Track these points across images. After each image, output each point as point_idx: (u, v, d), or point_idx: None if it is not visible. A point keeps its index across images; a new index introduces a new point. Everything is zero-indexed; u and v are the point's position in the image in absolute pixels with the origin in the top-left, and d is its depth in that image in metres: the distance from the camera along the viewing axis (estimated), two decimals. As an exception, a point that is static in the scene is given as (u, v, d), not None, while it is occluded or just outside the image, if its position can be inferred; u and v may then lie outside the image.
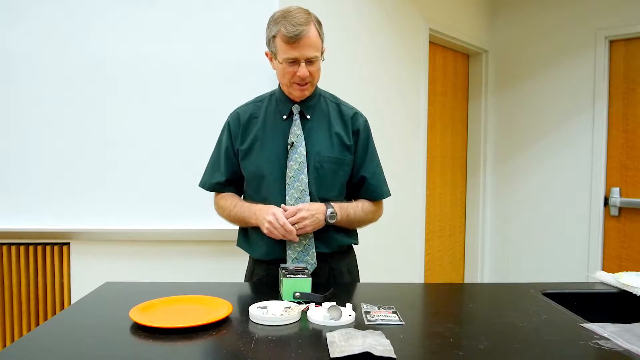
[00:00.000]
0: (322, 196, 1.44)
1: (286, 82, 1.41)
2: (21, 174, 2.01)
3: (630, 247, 3.09)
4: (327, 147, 1.45)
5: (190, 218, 2.04)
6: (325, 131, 1.46)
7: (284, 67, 1.38)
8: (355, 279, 1.57)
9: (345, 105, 1.53)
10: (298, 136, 1.43)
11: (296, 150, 1.42)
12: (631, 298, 1.32)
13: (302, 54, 1.35)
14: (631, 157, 3.08)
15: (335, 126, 1.47)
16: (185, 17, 2.02)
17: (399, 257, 2.85)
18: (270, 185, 1.44)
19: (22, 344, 0.96)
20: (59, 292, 2.04)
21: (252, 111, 1.50)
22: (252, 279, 1.53)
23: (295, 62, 1.36)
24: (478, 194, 3.65)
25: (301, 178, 1.41)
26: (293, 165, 1.41)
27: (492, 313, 1.21)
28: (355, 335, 0.98)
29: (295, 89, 1.41)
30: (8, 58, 1.99)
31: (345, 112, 1.50)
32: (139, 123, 2.03)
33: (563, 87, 3.30)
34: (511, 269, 3.57)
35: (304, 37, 1.33)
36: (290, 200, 1.41)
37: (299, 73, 1.36)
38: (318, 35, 1.38)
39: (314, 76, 1.40)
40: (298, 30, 1.32)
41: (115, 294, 1.31)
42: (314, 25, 1.36)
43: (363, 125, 1.51)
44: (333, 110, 1.50)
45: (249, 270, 1.56)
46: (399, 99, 2.82)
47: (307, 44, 1.34)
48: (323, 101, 1.51)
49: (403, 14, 2.82)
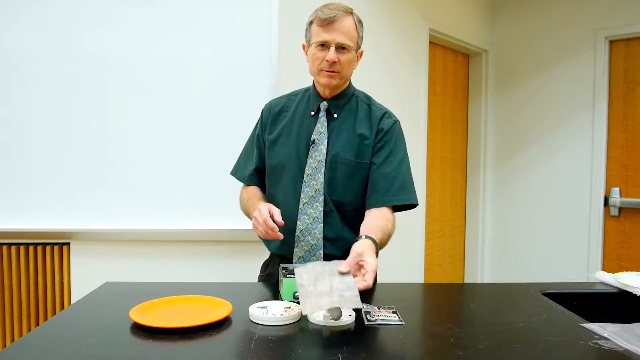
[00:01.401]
0: (336, 199, 1.40)
1: (315, 69, 1.39)
2: (21, 174, 2.01)
3: (630, 247, 3.09)
4: (346, 148, 1.41)
5: (190, 218, 2.04)
6: (349, 132, 1.43)
7: (314, 52, 1.37)
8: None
9: (376, 106, 1.48)
10: (321, 134, 1.41)
11: (317, 148, 1.40)
12: (631, 298, 1.32)
13: (333, 38, 1.33)
14: (631, 157, 3.08)
15: (360, 127, 1.42)
16: (186, 17, 2.02)
17: (399, 257, 2.85)
18: (287, 180, 1.43)
19: (22, 344, 0.96)
20: (59, 292, 2.04)
21: (284, 104, 1.51)
22: (265, 272, 1.54)
23: (325, 46, 1.35)
24: (478, 194, 3.65)
25: (317, 177, 1.40)
26: (312, 163, 1.40)
27: (492, 313, 1.21)
28: (323, 273, 1.08)
29: (323, 75, 1.37)
30: (8, 58, 1.99)
31: (374, 113, 1.46)
32: (139, 123, 2.03)
33: (563, 87, 3.30)
34: (511, 269, 3.57)
35: (337, 21, 1.33)
36: (304, 199, 1.40)
37: (328, 57, 1.34)
38: (355, 27, 1.37)
39: (342, 65, 1.37)
40: (334, 13, 1.33)
41: (115, 294, 1.31)
42: (352, 17, 1.37)
43: (389, 126, 1.44)
44: (362, 111, 1.46)
45: (265, 263, 1.57)
46: (399, 99, 2.82)
47: (340, 29, 1.34)
48: (354, 101, 1.48)
49: (403, 14, 2.82)
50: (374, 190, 1.41)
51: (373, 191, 1.41)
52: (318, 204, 1.39)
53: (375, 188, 1.40)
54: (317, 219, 1.39)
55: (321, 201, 1.39)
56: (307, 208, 1.40)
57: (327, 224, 1.40)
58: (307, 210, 1.40)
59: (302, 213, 1.40)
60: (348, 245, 1.40)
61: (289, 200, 1.41)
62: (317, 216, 1.39)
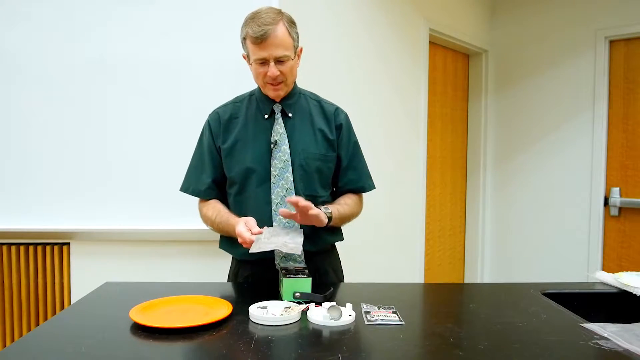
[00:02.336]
0: (309, 193, 1.43)
1: (260, 82, 1.43)
2: (21, 174, 2.01)
3: (630, 247, 3.09)
4: (311, 143, 1.45)
5: (190, 218, 2.03)
6: (308, 128, 1.47)
7: (256, 68, 1.39)
8: (340, 278, 1.57)
9: (326, 102, 1.54)
10: (281, 134, 1.43)
11: (280, 148, 1.42)
12: (631, 298, 1.32)
13: (270, 54, 1.34)
14: (631, 157, 3.08)
15: (318, 123, 1.48)
16: (185, 17, 2.02)
17: (399, 257, 2.85)
18: (255, 185, 1.43)
19: (22, 344, 0.96)
20: (59, 292, 2.04)
21: (232, 111, 1.50)
22: (236, 281, 1.51)
23: (265, 62, 1.36)
24: (478, 194, 3.65)
25: (286, 176, 1.41)
26: (277, 163, 1.41)
27: (492, 313, 1.21)
28: (280, 233, 1.31)
29: (269, 89, 1.41)
30: (8, 58, 1.99)
31: (327, 109, 1.52)
32: (139, 123, 2.03)
33: (563, 87, 3.30)
34: (511, 269, 3.58)
35: (269, 36, 1.32)
36: (275, 199, 1.41)
37: (269, 73, 1.36)
38: (288, 34, 1.36)
39: (286, 75, 1.39)
40: (263, 30, 1.31)
41: (115, 294, 1.31)
42: (283, 24, 1.35)
43: (345, 120, 1.53)
44: (314, 108, 1.51)
45: (232, 272, 1.54)
46: (399, 99, 2.82)
47: (274, 43, 1.33)
48: (303, 99, 1.51)
49: (403, 14, 2.82)
50: (349, 181, 1.54)
51: (349, 182, 1.54)
52: None
53: (350, 178, 1.54)
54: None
55: None
56: (281, 208, 1.40)
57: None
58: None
59: (276, 213, 1.41)
60: (323, 240, 1.47)
61: (260, 203, 1.41)
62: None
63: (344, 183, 1.54)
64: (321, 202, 1.46)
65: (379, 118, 2.67)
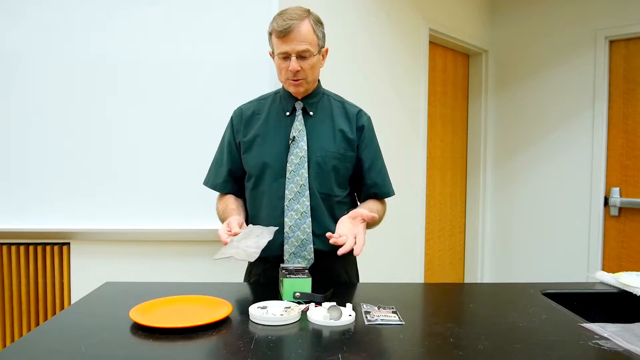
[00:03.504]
0: (324, 192, 1.44)
1: (282, 78, 1.43)
2: (21, 174, 2.01)
3: (630, 247, 3.09)
4: (330, 142, 1.45)
5: (190, 218, 2.04)
6: (328, 127, 1.47)
7: (279, 63, 1.40)
8: (353, 280, 1.56)
9: (349, 104, 1.54)
10: (300, 131, 1.44)
11: (297, 144, 1.42)
12: (631, 298, 1.32)
13: (292, 48, 1.35)
14: (631, 157, 3.08)
15: (339, 123, 1.48)
16: (186, 17, 2.02)
17: (399, 257, 2.85)
18: (270, 180, 1.44)
19: (22, 344, 0.96)
20: (59, 292, 2.04)
21: (255, 108, 1.52)
22: (250, 279, 1.53)
23: (287, 56, 1.37)
24: (478, 194, 3.65)
25: (301, 172, 1.41)
26: (293, 159, 1.42)
27: (492, 313, 1.21)
28: (252, 234, 1.27)
29: (290, 84, 1.42)
30: (8, 58, 1.99)
31: (350, 110, 1.52)
32: (139, 123, 2.03)
33: (563, 87, 3.30)
34: (511, 269, 3.58)
35: (293, 30, 1.34)
36: (289, 195, 1.41)
37: (290, 67, 1.36)
38: (312, 31, 1.37)
39: (306, 72, 1.39)
40: (288, 24, 1.33)
41: (115, 294, 1.31)
42: (308, 21, 1.37)
43: (367, 122, 1.53)
44: (337, 108, 1.51)
45: (247, 270, 1.57)
46: (399, 99, 2.82)
47: (297, 38, 1.34)
48: (326, 99, 1.52)
49: (403, 14, 2.82)
50: (372, 186, 1.53)
51: (372, 186, 1.53)
52: (304, 199, 1.41)
53: (373, 183, 1.53)
54: (305, 214, 1.41)
55: (307, 196, 1.41)
56: (294, 204, 1.41)
57: (314, 219, 1.42)
58: (293, 206, 1.41)
59: (288, 209, 1.41)
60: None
61: (274, 198, 1.43)
62: (304, 211, 1.41)
63: (369, 186, 1.53)
64: (337, 202, 1.47)
65: (378, 118, 2.65)
